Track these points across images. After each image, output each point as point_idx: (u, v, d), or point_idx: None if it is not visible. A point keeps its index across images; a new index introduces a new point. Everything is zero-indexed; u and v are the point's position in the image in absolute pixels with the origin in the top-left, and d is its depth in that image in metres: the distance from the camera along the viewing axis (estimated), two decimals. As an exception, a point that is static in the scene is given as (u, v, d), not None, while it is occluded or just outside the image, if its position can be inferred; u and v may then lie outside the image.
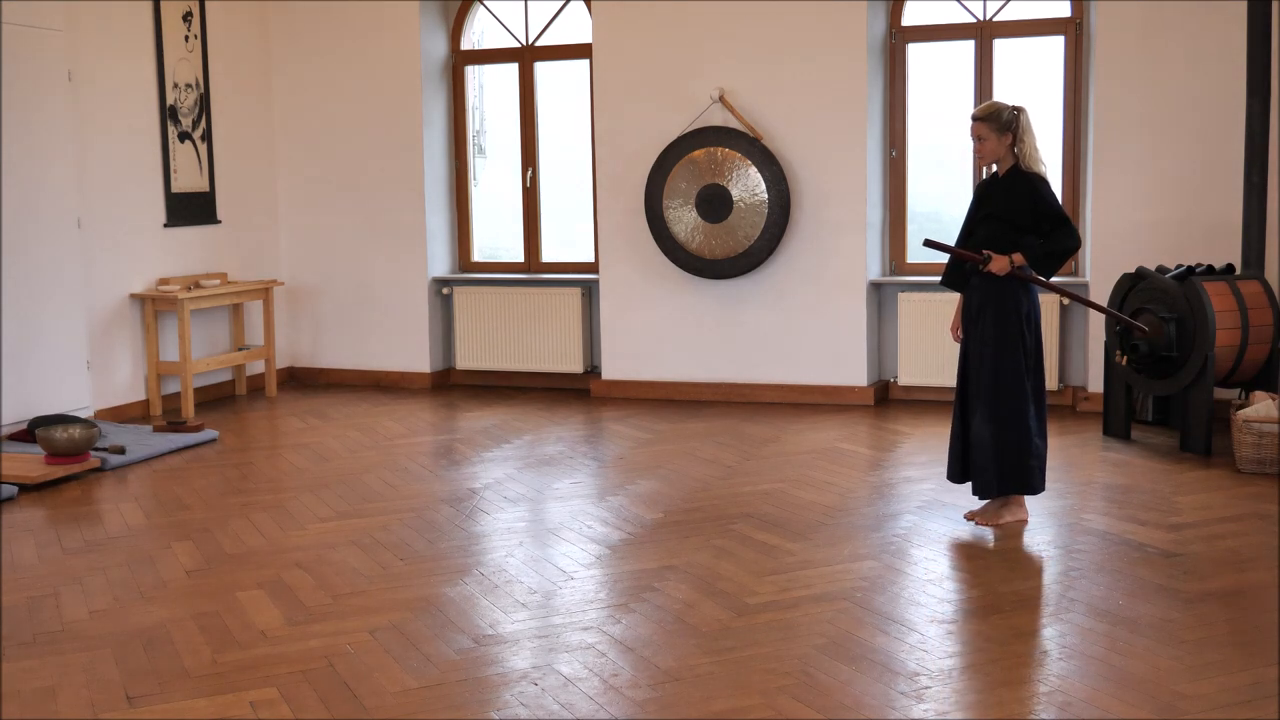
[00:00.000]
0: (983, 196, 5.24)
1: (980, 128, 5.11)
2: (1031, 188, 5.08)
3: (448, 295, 8.96)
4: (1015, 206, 5.08)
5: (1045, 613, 4.27)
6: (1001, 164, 5.17)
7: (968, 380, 5.26)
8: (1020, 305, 5.13)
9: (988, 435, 5.13)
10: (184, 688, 3.76)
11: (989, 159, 5.16)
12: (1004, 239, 5.10)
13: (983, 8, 7.83)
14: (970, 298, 5.24)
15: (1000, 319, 5.12)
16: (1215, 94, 7.16)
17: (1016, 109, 5.10)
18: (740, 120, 7.95)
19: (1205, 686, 3.63)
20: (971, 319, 5.23)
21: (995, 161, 5.17)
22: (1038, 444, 5.17)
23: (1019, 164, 5.12)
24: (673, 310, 8.29)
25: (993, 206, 5.15)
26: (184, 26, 8.26)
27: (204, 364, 8.13)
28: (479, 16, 8.97)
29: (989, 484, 5.18)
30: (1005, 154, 5.12)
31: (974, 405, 5.19)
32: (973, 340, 5.22)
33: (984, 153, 5.14)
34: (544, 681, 3.76)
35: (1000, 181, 5.17)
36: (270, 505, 5.81)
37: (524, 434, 7.32)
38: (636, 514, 5.57)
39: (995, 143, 5.10)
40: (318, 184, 9.06)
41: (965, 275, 5.26)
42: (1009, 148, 5.10)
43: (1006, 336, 5.11)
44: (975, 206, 5.28)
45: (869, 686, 3.70)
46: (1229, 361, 6.47)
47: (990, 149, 5.12)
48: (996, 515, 5.24)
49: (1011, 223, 5.09)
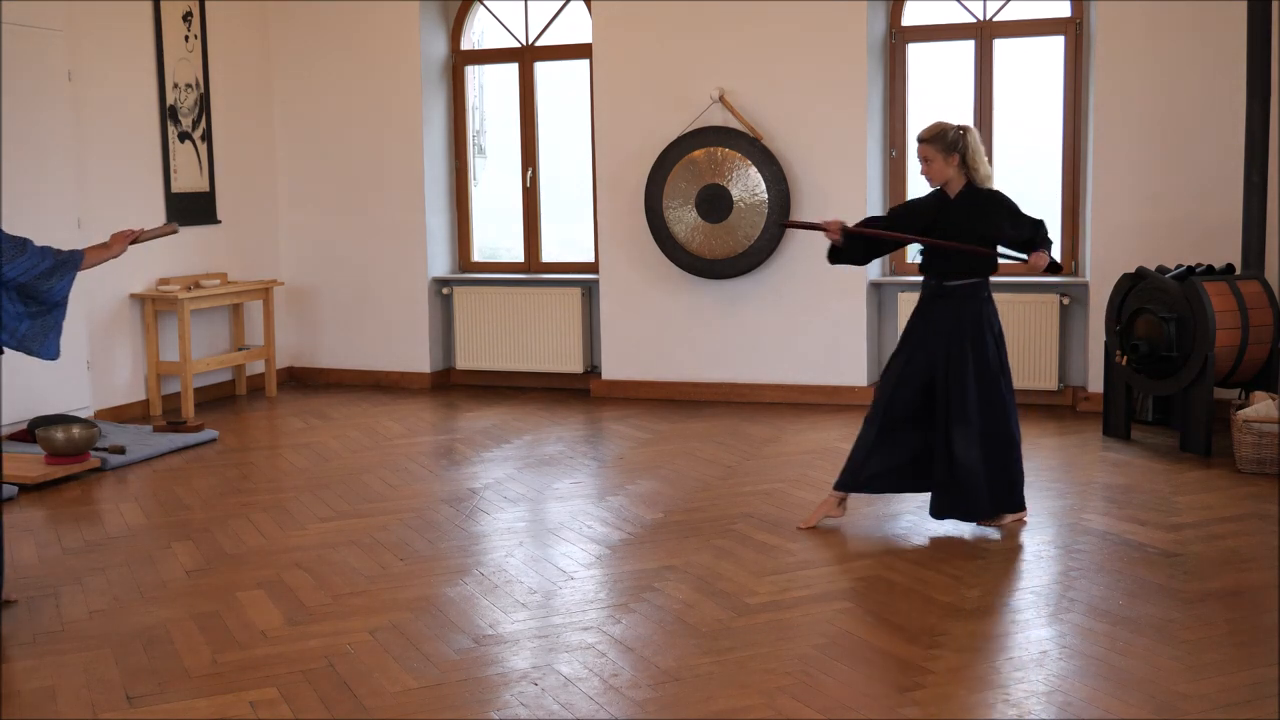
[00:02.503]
0: (937, 219, 5.15)
1: (926, 149, 5.10)
2: (1006, 205, 5.13)
3: (448, 295, 8.96)
4: (993, 226, 5.09)
5: (1045, 613, 4.27)
6: (951, 185, 5.14)
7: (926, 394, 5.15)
8: (994, 323, 5.17)
9: (977, 458, 5.09)
10: (184, 688, 3.76)
11: (937, 180, 5.15)
12: (971, 258, 5.10)
13: (983, 8, 7.84)
14: (933, 312, 5.18)
15: (979, 338, 5.11)
16: (1215, 94, 7.16)
17: (962, 129, 5.09)
18: (740, 120, 7.95)
19: (1205, 686, 3.63)
20: (936, 333, 5.15)
21: (943, 183, 5.15)
22: (1018, 454, 5.20)
23: (973, 183, 5.12)
24: (673, 310, 8.29)
25: (961, 227, 5.09)
26: (184, 26, 8.26)
27: (204, 364, 8.13)
28: (479, 16, 8.98)
29: (980, 509, 5.13)
30: (954, 174, 5.11)
31: (953, 426, 5.09)
32: (941, 358, 5.12)
33: (931, 174, 5.13)
34: (544, 681, 3.76)
35: (960, 203, 5.13)
36: (270, 505, 5.81)
37: (524, 434, 7.32)
38: (636, 514, 5.57)
39: (942, 164, 5.09)
40: (318, 184, 9.06)
41: (861, 250, 5.27)
42: (957, 168, 5.10)
43: (989, 359, 5.11)
44: (920, 230, 5.18)
45: (869, 686, 3.70)
46: (1229, 361, 6.47)
47: (938, 170, 5.11)
48: (1000, 516, 5.24)
49: (985, 240, 5.10)
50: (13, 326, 4.31)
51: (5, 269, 4.21)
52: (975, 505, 5.14)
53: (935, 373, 5.15)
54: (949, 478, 5.13)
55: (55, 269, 4.33)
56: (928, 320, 5.20)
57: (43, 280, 4.30)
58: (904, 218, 5.27)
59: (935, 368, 5.15)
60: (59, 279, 4.33)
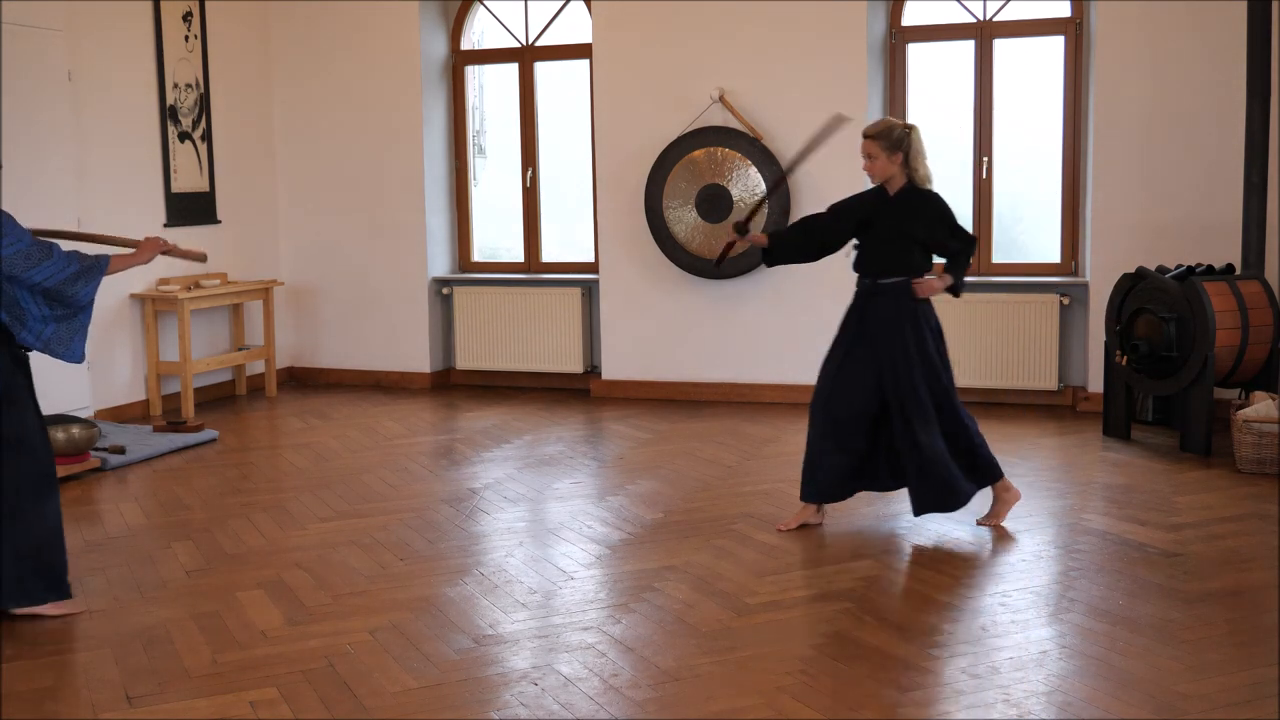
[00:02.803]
0: (874, 216, 5.16)
1: (870, 146, 5.10)
2: (943, 209, 5.13)
3: (448, 295, 8.96)
4: (928, 227, 5.10)
5: (1045, 613, 4.27)
6: (891, 182, 5.14)
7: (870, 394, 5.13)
8: (931, 318, 5.16)
9: (942, 448, 5.09)
10: (184, 688, 3.76)
11: (879, 177, 5.14)
12: (906, 255, 5.12)
13: (983, 8, 7.84)
14: (869, 310, 5.17)
15: (918, 334, 5.10)
16: (1215, 94, 7.16)
17: (908, 128, 5.10)
18: (740, 120, 7.95)
19: (1205, 686, 3.63)
20: (873, 332, 5.14)
21: (885, 180, 5.15)
22: (978, 434, 5.20)
23: (913, 183, 5.12)
24: (673, 310, 8.29)
25: (897, 225, 5.11)
26: (184, 26, 8.26)
27: (204, 364, 8.13)
28: (479, 16, 8.98)
29: (958, 495, 5.12)
30: (895, 172, 5.11)
31: (913, 420, 5.06)
32: (885, 356, 5.10)
33: (874, 171, 5.13)
34: (544, 681, 3.76)
35: (898, 201, 5.13)
36: (270, 505, 5.81)
37: (524, 434, 7.32)
38: (636, 514, 5.57)
39: (885, 161, 5.09)
40: (318, 184, 9.06)
41: (795, 249, 5.35)
42: (900, 166, 5.10)
43: (930, 352, 5.11)
44: (856, 224, 5.19)
45: (869, 686, 3.70)
46: (1229, 361, 6.47)
47: (880, 167, 5.11)
48: (996, 515, 5.25)
49: (918, 241, 5.10)
50: (38, 329, 4.38)
51: (32, 273, 4.27)
52: (952, 492, 5.11)
53: (880, 372, 5.14)
54: (920, 470, 5.10)
55: (81, 274, 4.40)
56: (863, 319, 5.19)
57: (68, 285, 4.37)
58: (843, 214, 5.26)
59: (879, 367, 5.14)
60: (84, 283, 4.40)
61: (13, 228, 4.26)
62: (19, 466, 4.30)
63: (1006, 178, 7.97)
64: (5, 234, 4.22)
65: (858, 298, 5.24)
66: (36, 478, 4.35)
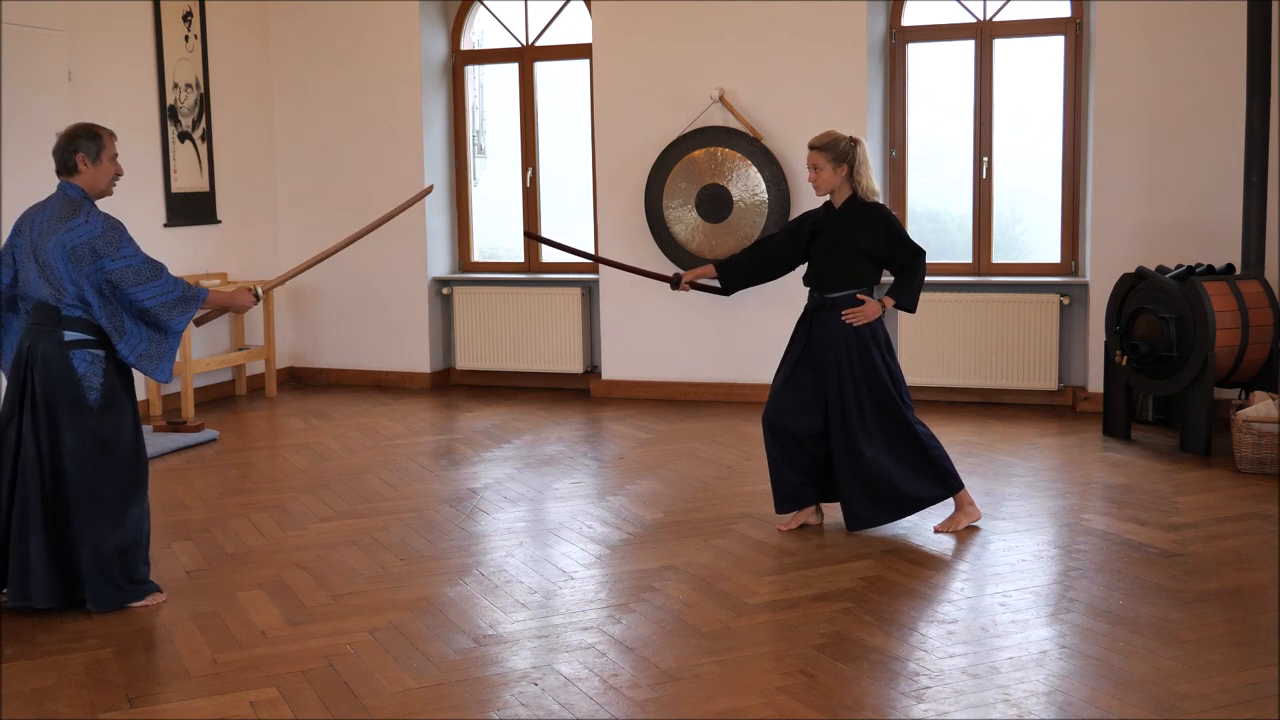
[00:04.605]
0: (820, 228, 5.17)
1: (816, 157, 5.09)
2: (886, 220, 5.12)
3: (448, 295, 8.96)
4: (870, 238, 5.09)
5: (1045, 613, 4.27)
6: (837, 194, 5.14)
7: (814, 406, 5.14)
8: (878, 332, 5.15)
9: (892, 464, 5.10)
10: (184, 688, 3.76)
11: (824, 189, 5.14)
12: (851, 268, 5.11)
13: (983, 8, 7.84)
14: (815, 327, 5.17)
15: (864, 349, 5.10)
16: (1215, 94, 7.16)
17: (853, 140, 5.10)
18: (740, 120, 7.95)
19: (1205, 686, 3.63)
20: (820, 345, 5.14)
21: (830, 191, 5.15)
22: (933, 444, 5.17)
23: (857, 194, 5.12)
24: (673, 310, 8.28)
25: (841, 237, 5.11)
26: (184, 26, 8.26)
27: (204, 364, 8.13)
28: (479, 16, 8.98)
29: (896, 506, 5.12)
30: (840, 184, 5.11)
31: (857, 434, 5.08)
32: (832, 370, 5.11)
33: (819, 182, 5.12)
34: (544, 681, 3.76)
35: (842, 213, 5.14)
36: (270, 505, 5.81)
37: (524, 434, 7.32)
38: (636, 514, 5.57)
39: (830, 172, 5.08)
40: (318, 184, 9.06)
41: (744, 271, 5.35)
42: (845, 178, 5.10)
43: (878, 367, 5.10)
44: (808, 235, 5.19)
45: (869, 686, 3.70)
46: (1229, 361, 6.47)
47: (826, 179, 5.10)
48: (954, 522, 5.23)
49: (862, 253, 5.10)
50: (133, 344, 4.44)
51: (137, 290, 4.35)
52: (889, 503, 5.11)
53: (825, 385, 5.14)
54: (856, 480, 5.10)
55: (179, 302, 4.45)
56: (811, 332, 5.19)
57: (165, 310, 4.42)
58: (795, 229, 5.26)
59: (825, 380, 5.14)
60: (180, 312, 4.45)
61: (127, 243, 4.36)
62: (108, 470, 4.40)
63: (1006, 178, 7.97)
64: (122, 247, 4.32)
65: (806, 311, 5.25)
66: (124, 483, 4.45)
